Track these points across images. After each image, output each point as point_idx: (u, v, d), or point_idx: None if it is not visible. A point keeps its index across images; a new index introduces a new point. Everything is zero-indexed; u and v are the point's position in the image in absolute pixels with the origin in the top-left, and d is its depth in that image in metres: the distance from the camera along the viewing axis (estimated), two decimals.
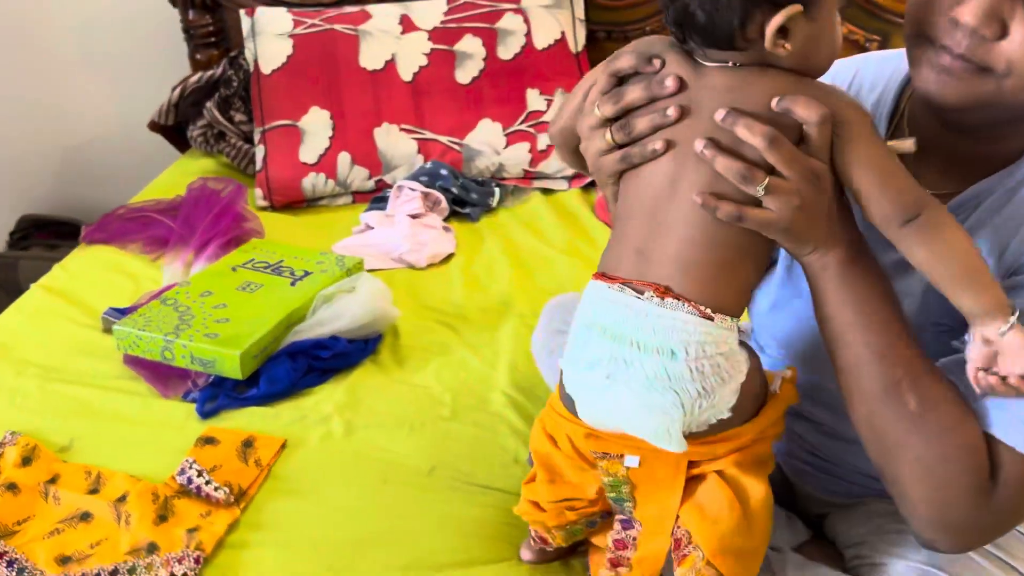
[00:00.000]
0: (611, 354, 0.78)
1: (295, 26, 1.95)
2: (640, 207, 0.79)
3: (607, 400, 0.80)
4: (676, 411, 0.76)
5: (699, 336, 0.75)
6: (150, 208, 1.82)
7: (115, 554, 1.08)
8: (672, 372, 0.76)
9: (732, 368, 0.77)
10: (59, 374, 1.39)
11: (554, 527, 0.94)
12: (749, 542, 0.83)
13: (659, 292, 0.76)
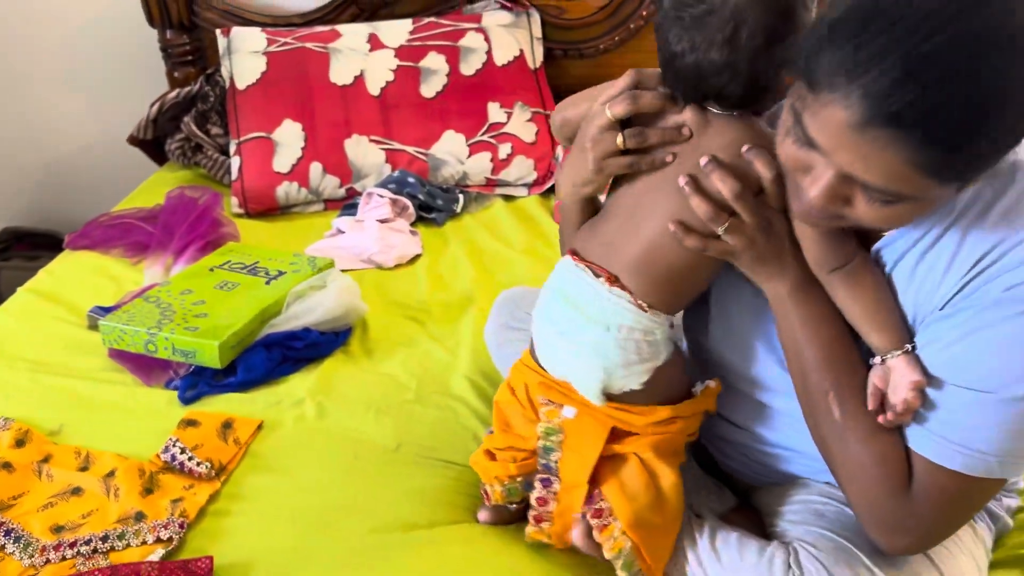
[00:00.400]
0: (566, 316, 0.97)
1: (268, 44, 2.06)
2: (622, 208, 0.96)
3: (557, 351, 0.98)
4: (600, 373, 0.94)
5: (631, 321, 0.93)
6: (131, 215, 1.92)
7: (105, 522, 1.17)
8: (604, 342, 0.94)
9: (651, 352, 0.94)
10: (48, 367, 1.48)
11: (496, 479, 1.06)
12: (660, 519, 0.97)
13: (609, 279, 0.94)
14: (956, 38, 0.66)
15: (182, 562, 1.08)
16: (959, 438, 0.82)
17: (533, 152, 2.06)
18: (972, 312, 0.81)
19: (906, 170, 0.70)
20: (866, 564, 0.89)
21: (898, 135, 0.68)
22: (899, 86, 0.66)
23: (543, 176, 2.06)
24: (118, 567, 1.07)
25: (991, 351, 0.80)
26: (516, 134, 2.06)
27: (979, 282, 0.81)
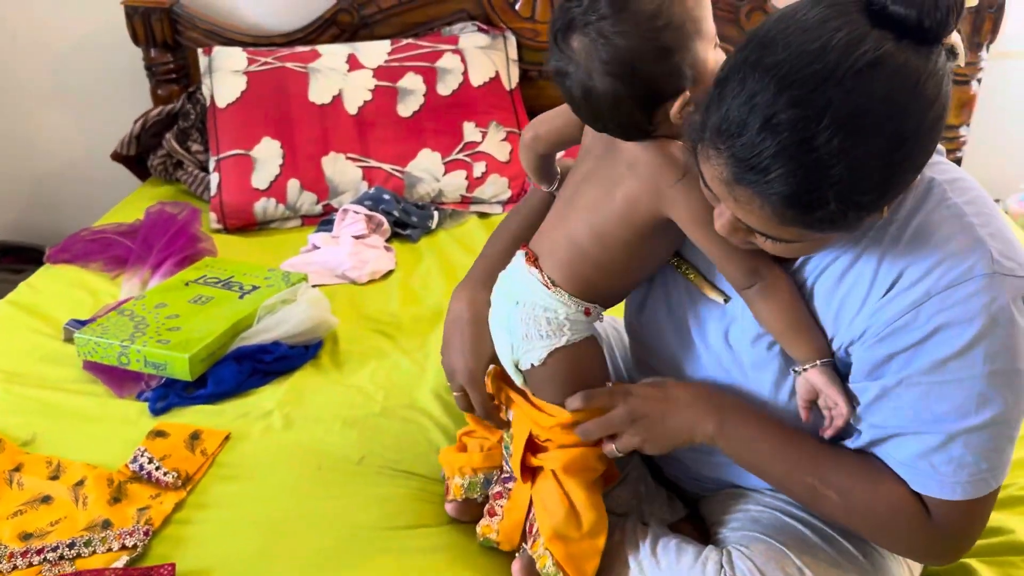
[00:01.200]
0: (498, 294, 1.03)
1: (249, 63, 2.11)
2: (560, 204, 1.03)
3: (492, 327, 1.05)
4: (507, 347, 1.00)
5: (535, 297, 0.98)
6: (111, 230, 1.96)
7: (73, 530, 1.20)
8: (511, 315, 1.00)
9: (550, 330, 0.98)
10: (22, 378, 1.51)
11: (459, 471, 1.12)
12: (576, 532, 1.02)
13: (529, 258, 1.00)
14: (800, 117, 0.70)
15: (145, 569, 1.11)
16: (951, 473, 0.86)
17: (507, 170, 2.10)
18: (902, 355, 0.85)
19: (776, 222, 0.77)
20: (797, 564, 0.93)
21: (758, 195, 0.75)
22: (753, 156, 0.73)
23: (517, 194, 2.10)
24: (83, 573, 1.10)
25: (932, 399, 0.84)
26: (491, 153, 2.10)
27: (897, 309, 0.84)
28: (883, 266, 0.85)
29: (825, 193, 0.72)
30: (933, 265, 0.82)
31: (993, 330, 0.80)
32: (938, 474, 0.86)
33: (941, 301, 0.81)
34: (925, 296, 0.82)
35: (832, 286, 0.89)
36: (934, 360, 0.83)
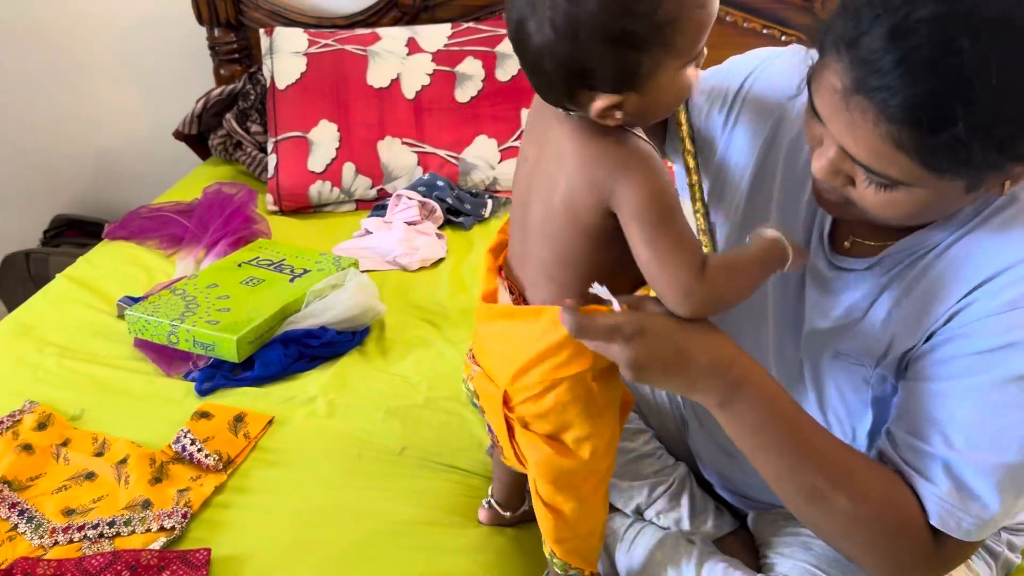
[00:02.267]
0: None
1: (310, 45, 2.10)
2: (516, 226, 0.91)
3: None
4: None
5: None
6: (168, 208, 1.98)
7: (114, 508, 1.21)
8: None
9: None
10: (75, 353, 1.53)
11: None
12: (571, 533, 0.94)
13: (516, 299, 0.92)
14: (943, 15, 0.64)
15: (181, 552, 1.11)
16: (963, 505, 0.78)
17: None
18: (960, 361, 0.77)
19: (888, 148, 0.68)
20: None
21: (876, 106, 0.67)
22: (881, 58, 0.65)
23: None
24: (120, 552, 1.10)
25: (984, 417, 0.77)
26: None
27: (979, 310, 0.77)
28: (978, 259, 0.78)
29: (955, 110, 0.64)
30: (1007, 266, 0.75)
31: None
32: (966, 512, 0.77)
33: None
34: (1011, 306, 0.75)
35: (913, 281, 0.82)
36: (1002, 375, 0.75)
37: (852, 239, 0.88)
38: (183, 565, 1.09)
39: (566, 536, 0.96)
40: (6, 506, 1.20)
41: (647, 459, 1.15)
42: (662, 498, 1.14)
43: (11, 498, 1.22)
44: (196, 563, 1.09)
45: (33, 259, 2.45)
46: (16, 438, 1.32)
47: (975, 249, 0.79)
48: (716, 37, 2.43)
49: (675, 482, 1.13)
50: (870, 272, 0.86)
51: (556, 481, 0.91)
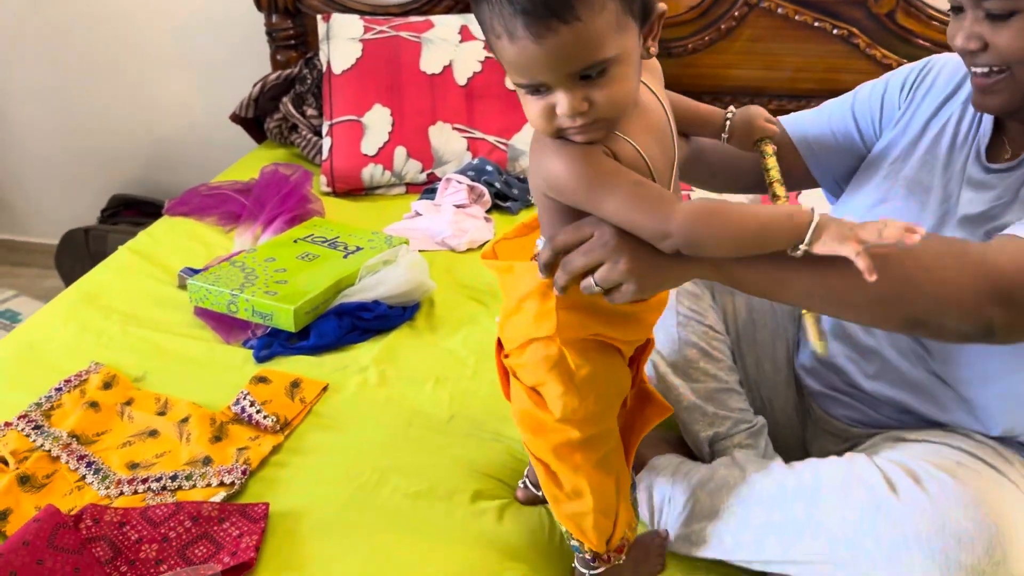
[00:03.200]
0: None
1: (365, 31, 2.15)
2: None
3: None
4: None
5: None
6: (227, 187, 2.04)
7: (176, 463, 1.26)
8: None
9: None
10: (138, 320, 1.59)
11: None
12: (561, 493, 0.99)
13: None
14: None
15: (240, 506, 1.15)
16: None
17: None
18: None
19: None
20: (954, 460, 0.93)
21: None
22: None
23: None
24: (183, 504, 1.15)
25: None
26: None
27: None
28: None
29: None
30: None
31: None
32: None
33: None
34: None
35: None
36: None
37: (1010, 150, 1.02)
38: (242, 518, 1.13)
39: (557, 496, 0.99)
40: (75, 458, 1.26)
41: (736, 395, 1.21)
42: (742, 433, 1.19)
43: (79, 451, 1.27)
44: (255, 516, 1.14)
45: (92, 236, 2.54)
46: (83, 396, 1.38)
47: None
48: (769, 30, 2.42)
49: (756, 426, 1.18)
50: (1019, 168, 0.99)
51: (533, 431, 0.97)
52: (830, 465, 0.99)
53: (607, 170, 0.81)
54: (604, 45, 0.75)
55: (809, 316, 0.89)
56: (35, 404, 1.35)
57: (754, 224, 0.80)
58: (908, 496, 0.90)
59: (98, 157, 2.76)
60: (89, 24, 2.56)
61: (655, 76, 0.93)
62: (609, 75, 0.77)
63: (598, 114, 0.78)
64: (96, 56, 2.60)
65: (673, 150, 0.90)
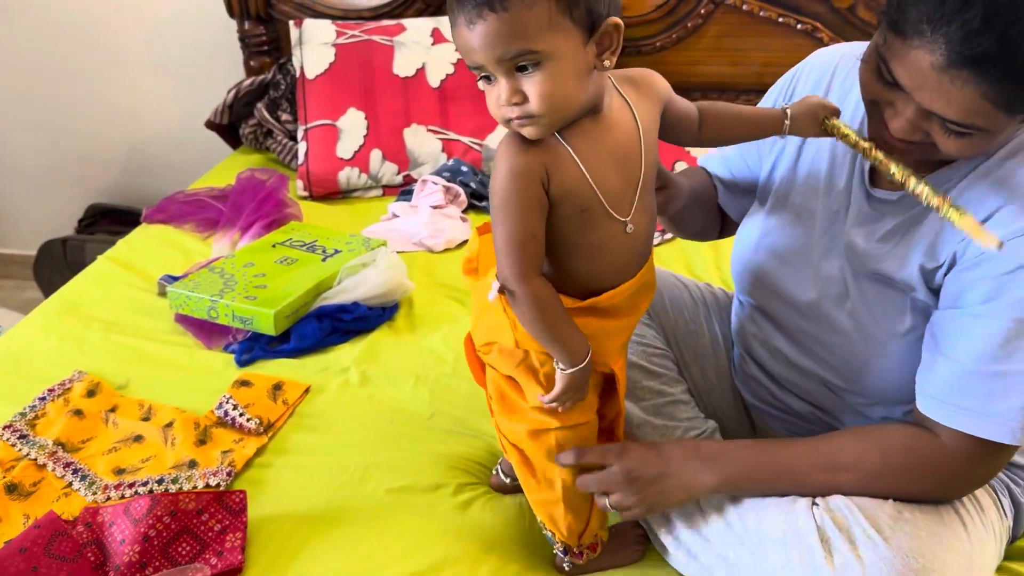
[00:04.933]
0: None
1: (337, 36, 2.17)
2: None
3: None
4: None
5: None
6: (204, 194, 2.05)
7: (161, 468, 1.28)
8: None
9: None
10: (119, 328, 1.61)
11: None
12: (533, 479, 1.06)
13: None
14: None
15: (217, 494, 1.16)
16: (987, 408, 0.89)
17: None
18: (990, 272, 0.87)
19: (983, 105, 0.79)
20: (895, 507, 0.93)
21: (977, 74, 0.77)
22: (979, 33, 0.76)
23: None
24: (159, 496, 1.14)
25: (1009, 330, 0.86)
26: None
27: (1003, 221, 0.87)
28: (993, 191, 0.88)
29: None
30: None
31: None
32: (968, 402, 0.88)
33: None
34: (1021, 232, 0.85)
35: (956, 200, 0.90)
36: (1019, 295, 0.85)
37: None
38: (221, 508, 1.14)
39: (530, 483, 1.05)
40: (61, 465, 1.28)
41: (683, 405, 1.22)
42: (700, 436, 1.21)
43: (65, 458, 1.29)
44: (234, 508, 1.15)
45: (70, 246, 2.54)
46: (67, 404, 1.39)
47: (991, 184, 0.89)
48: (734, 26, 2.46)
49: (707, 431, 1.19)
50: (902, 203, 0.96)
51: (508, 414, 1.03)
52: (773, 513, 0.97)
53: (520, 203, 0.86)
54: (530, 38, 0.79)
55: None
56: (19, 414, 1.37)
57: (558, 337, 0.91)
58: (842, 565, 0.89)
59: (74, 167, 2.76)
60: (61, 32, 2.56)
61: (646, 96, 0.94)
62: (543, 71, 0.80)
63: (532, 110, 0.82)
64: (69, 64, 2.60)
65: (639, 174, 0.92)
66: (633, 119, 0.91)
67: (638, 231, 0.94)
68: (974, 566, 0.92)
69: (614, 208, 0.91)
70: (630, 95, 0.92)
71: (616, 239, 0.93)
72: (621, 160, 0.91)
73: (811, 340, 1.07)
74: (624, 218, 0.92)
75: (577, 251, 0.92)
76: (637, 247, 0.96)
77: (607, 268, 0.94)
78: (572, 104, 0.84)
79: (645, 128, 0.92)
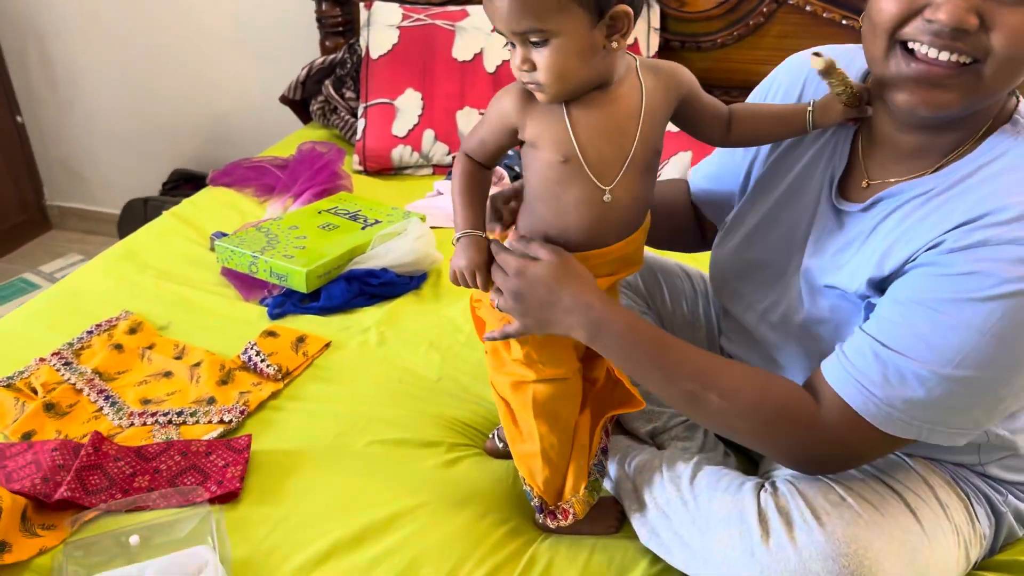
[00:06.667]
0: None
1: (403, 19, 2.26)
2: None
3: None
4: None
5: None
6: (267, 162, 2.17)
7: (184, 401, 1.38)
8: None
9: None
10: (170, 276, 1.73)
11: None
12: (518, 434, 1.10)
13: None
14: None
15: (225, 440, 1.26)
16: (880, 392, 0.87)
17: None
18: (931, 273, 0.85)
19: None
20: (839, 492, 0.94)
21: None
22: None
23: None
24: (173, 442, 1.26)
25: (934, 328, 0.84)
26: None
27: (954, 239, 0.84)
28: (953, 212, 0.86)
29: None
30: (1007, 219, 0.82)
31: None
32: (866, 378, 0.87)
33: (996, 251, 0.81)
34: (981, 244, 0.83)
35: (906, 214, 0.91)
36: (956, 294, 0.83)
37: (867, 181, 0.98)
38: (227, 450, 1.24)
39: (514, 434, 1.10)
40: (96, 391, 1.39)
41: None
42: (680, 426, 1.24)
43: (100, 385, 1.41)
44: (238, 448, 1.25)
45: (151, 205, 2.72)
46: (111, 338, 1.51)
47: (957, 198, 0.87)
48: (797, 27, 2.44)
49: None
50: (866, 213, 0.95)
51: (495, 367, 1.09)
52: (723, 494, 0.99)
53: (488, 118, 0.99)
54: (539, 17, 0.87)
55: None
56: (67, 344, 1.50)
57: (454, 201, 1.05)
58: (776, 546, 0.90)
59: (161, 134, 2.95)
60: (156, 9, 2.74)
61: (663, 84, 0.98)
62: (550, 46, 0.88)
63: (539, 79, 0.91)
64: (161, 39, 2.78)
65: (629, 150, 0.97)
66: (640, 100, 0.96)
67: (618, 203, 0.98)
68: (920, 560, 0.91)
69: (595, 172, 0.96)
70: (647, 80, 0.97)
71: (593, 204, 0.98)
72: (614, 131, 0.96)
73: (771, 347, 1.09)
74: (604, 186, 0.96)
75: (557, 204, 0.98)
76: (615, 219, 1.00)
77: (578, 230, 1.00)
78: (575, 79, 0.91)
79: (649, 110, 0.96)
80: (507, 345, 1.07)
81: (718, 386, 0.93)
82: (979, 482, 1.04)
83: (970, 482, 1.04)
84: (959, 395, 0.85)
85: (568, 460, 1.10)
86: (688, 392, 0.94)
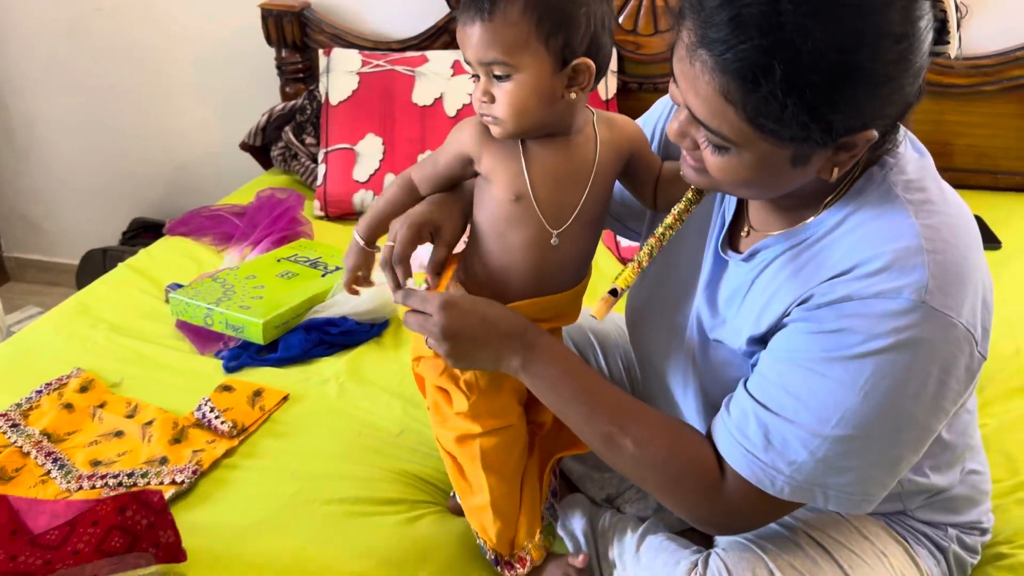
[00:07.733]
0: None
1: (363, 65, 2.25)
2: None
3: None
4: None
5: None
6: (225, 210, 2.14)
7: (135, 462, 1.34)
8: None
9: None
10: (123, 330, 1.69)
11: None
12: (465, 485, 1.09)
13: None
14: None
15: (136, 493, 1.10)
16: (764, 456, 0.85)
17: None
18: (802, 329, 0.84)
19: (720, 102, 0.75)
20: (769, 568, 0.92)
21: (712, 59, 0.74)
22: (718, 14, 0.73)
23: None
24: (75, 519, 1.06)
25: (809, 388, 0.83)
26: None
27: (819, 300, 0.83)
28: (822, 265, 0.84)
29: (774, 67, 0.71)
30: (870, 272, 0.80)
31: (895, 355, 0.78)
32: (749, 442, 0.85)
33: (861, 306, 0.79)
34: (846, 299, 0.80)
35: (776, 271, 0.89)
36: (826, 352, 0.81)
37: (749, 229, 0.96)
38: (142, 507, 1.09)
39: (463, 488, 1.08)
40: (43, 454, 1.35)
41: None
42: (632, 489, 1.22)
43: (48, 448, 1.36)
44: (155, 506, 1.09)
45: (109, 256, 2.67)
46: (60, 397, 1.47)
47: (827, 249, 0.85)
48: None
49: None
50: (747, 264, 0.93)
51: (440, 423, 1.08)
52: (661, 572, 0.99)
53: (444, 148, 1.01)
54: (505, 51, 0.89)
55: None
56: (15, 405, 1.45)
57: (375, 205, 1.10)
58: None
59: (122, 183, 2.90)
60: (116, 55, 2.71)
61: (616, 139, 0.99)
62: (512, 82, 0.90)
63: (496, 112, 0.92)
64: (122, 86, 2.75)
65: (578, 202, 0.97)
66: (594, 153, 0.97)
67: (564, 252, 0.98)
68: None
69: (545, 214, 0.96)
70: (603, 134, 0.98)
71: (540, 247, 0.98)
72: (567, 178, 0.97)
73: (674, 393, 1.07)
74: (553, 229, 0.96)
75: (503, 243, 0.98)
76: (559, 264, 1.00)
77: (521, 272, 0.99)
78: (530, 119, 0.92)
79: (601, 164, 0.98)
80: (449, 400, 1.06)
81: (633, 432, 0.91)
82: (915, 523, 1.03)
83: (906, 524, 1.02)
84: (844, 455, 0.82)
85: (519, 507, 1.08)
86: (605, 434, 0.93)
